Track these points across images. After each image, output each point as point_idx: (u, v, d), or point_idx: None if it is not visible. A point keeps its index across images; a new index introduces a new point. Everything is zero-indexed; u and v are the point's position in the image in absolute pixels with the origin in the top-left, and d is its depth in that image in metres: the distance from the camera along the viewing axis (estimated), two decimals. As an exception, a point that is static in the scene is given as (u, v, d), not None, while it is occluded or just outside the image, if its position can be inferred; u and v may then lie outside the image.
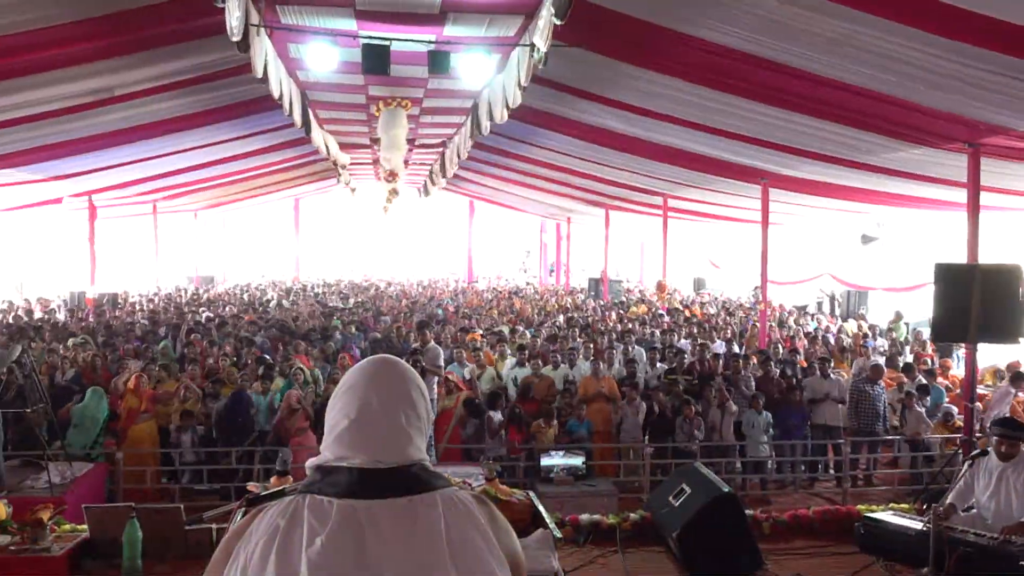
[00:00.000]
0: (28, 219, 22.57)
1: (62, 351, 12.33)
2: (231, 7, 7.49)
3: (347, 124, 17.91)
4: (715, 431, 10.27)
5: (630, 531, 5.28)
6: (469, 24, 10.13)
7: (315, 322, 16.42)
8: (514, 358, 12.34)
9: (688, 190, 17.24)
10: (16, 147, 12.71)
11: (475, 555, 1.67)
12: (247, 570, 1.62)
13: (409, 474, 1.74)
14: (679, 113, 11.23)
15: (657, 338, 14.82)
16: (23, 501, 6.34)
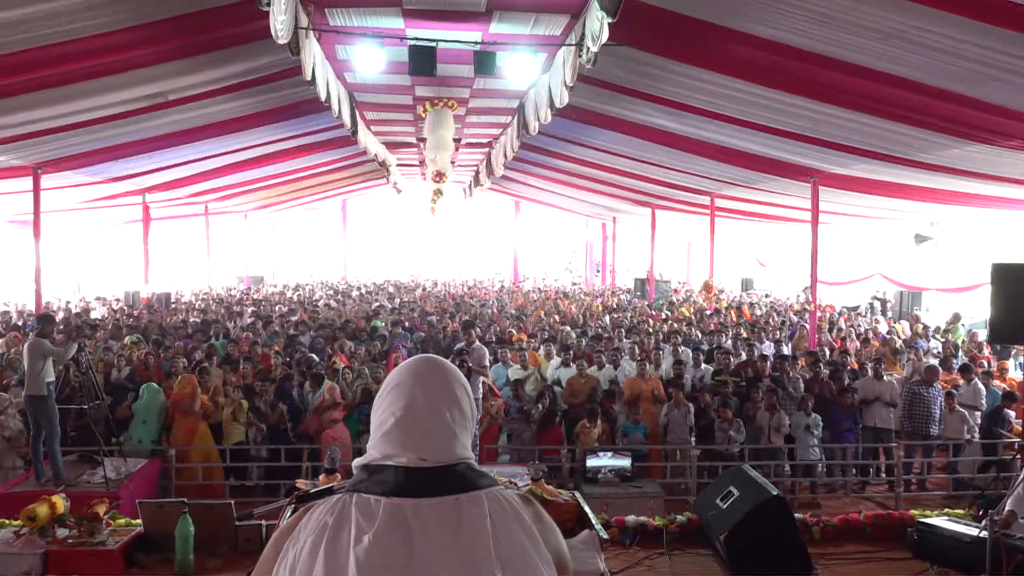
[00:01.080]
0: (86, 220, 23.13)
1: (117, 349, 12.62)
2: (276, 11, 7.59)
3: (394, 124, 18.05)
4: (763, 433, 10.12)
5: (677, 533, 5.22)
6: (515, 22, 10.14)
7: (362, 322, 16.56)
8: (559, 358, 12.31)
9: (736, 189, 17.05)
10: (75, 150, 13.07)
11: (521, 554, 1.67)
12: (296, 567, 1.64)
13: (455, 473, 1.74)
14: (727, 110, 11.12)
15: (704, 339, 14.68)
16: (80, 495, 6.49)
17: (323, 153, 19.54)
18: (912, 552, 5.01)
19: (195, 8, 8.51)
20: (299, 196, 27.52)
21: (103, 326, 15.60)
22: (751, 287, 27.73)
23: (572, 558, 1.94)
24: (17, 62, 8.33)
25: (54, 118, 10.85)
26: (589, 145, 16.73)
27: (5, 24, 7.40)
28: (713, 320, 17.47)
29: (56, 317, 12.63)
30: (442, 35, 10.18)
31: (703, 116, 11.69)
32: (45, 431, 8.48)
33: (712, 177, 16.41)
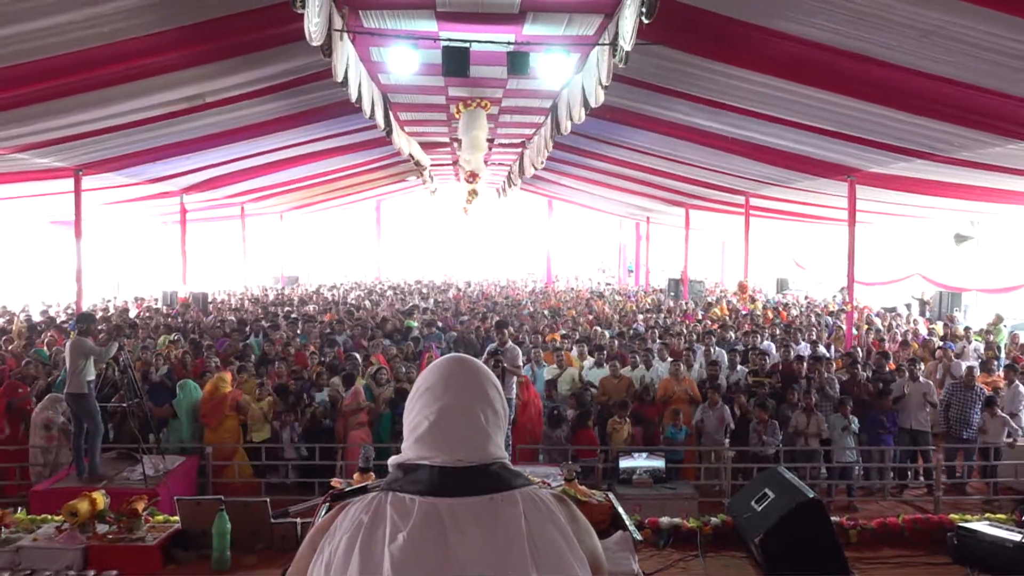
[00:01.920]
0: (126, 220, 23.52)
1: (154, 348, 12.82)
2: (310, 13, 7.65)
3: (428, 125, 18.12)
4: (799, 435, 10.01)
5: (711, 535, 5.18)
6: (548, 23, 10.13)
7: (396, 322, 16.65)
8: (592, 359, 12.28)
9: (771, 188, 16.89)
10: (115, 152, 13.31)
11: (556, 554, 1.67)
12: (331, 564, 1.65)
13: (490, 472, 1.75)
14: (762, 108, 11.02)
15: (739, 339, 14.56)
16: (119, 492, 6.60)
17: (357, 154, 19.68)
18: (952, 557, 4.92)
19: (231, 11, 8.61)
20: (333, 197, 27.73)
21: (142, 325, 15.83)
22: (786, 287, 27.45)
23: (606, 559, 1.94)
24: (59, 65, 8.49)
25: (94, 121, 11.04)
26: (622, 144, 16.66)
27: (48, 29, 7.54)
28: (747, 321, 17.32)
29: (97, 316, 12.81)
30: (475, 36, 10.20)
31: (738, 114, 11.60)
32: (88, 428, 8.63)
33: (747, 176, 16.27)
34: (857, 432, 10.07)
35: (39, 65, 8.34)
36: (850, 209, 14.01)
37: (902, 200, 15.28)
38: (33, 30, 7.50)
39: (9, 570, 4.84)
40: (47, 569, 4.85)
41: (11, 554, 4.94)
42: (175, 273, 21.83)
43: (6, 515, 5.30)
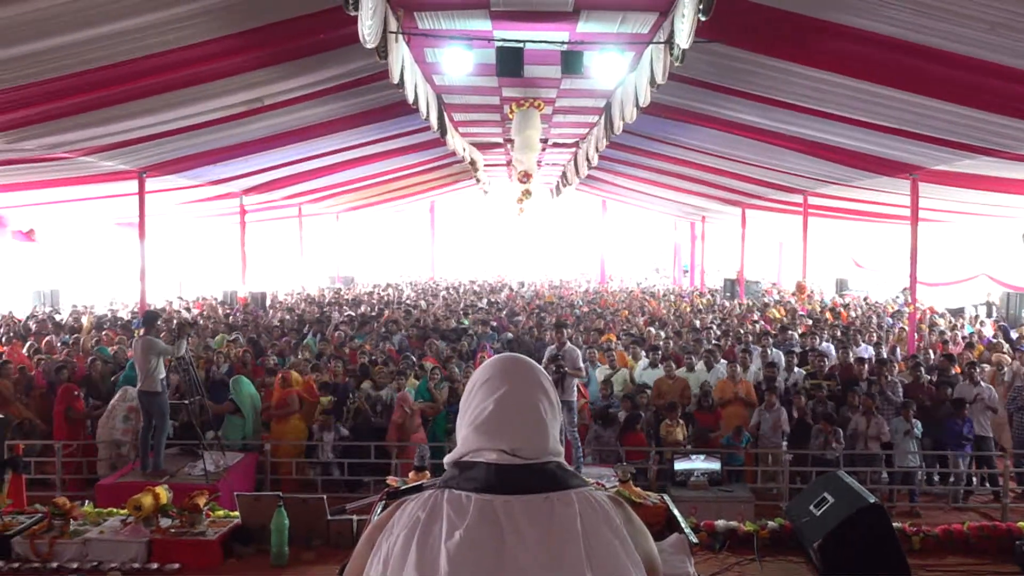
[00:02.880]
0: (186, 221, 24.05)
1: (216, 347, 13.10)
2: (364, 16, 7.73)
3: (481, 126, 18.19)
4: (859, 439, 9.79)
5: (768, 539, 5.11)
6: (602, 21, 10.09)
7: (450, 321, 16.75)
8: (646, 359, 12.19)
9: (830, 186, 16.57)
10: (177, 154, 13.63)
11: (611, 555, 1.66)
12: (389, 560, 1.67)
13: (546, 471, 1.75)
14: (821, 105, 10.82)
15: (797, 341, 14.31)
16: (181, 487, 6.77)
17: (412, 155, 19.83)
18: (1021, 566, 4.78)
19: (288, 16, 8.74)
20: (389, 197, 27.98)
21: (203, 324, 16.18)
22: (846, 288, 26.91)
23: (662, 562, 1.92)
24: (124, 72, 8.72)
25: (158, 124, 11.31)
26: (678, 143, 16.52)
27: (114, 35, 7.75)
28: (805, 322, 17.03)
29: (160, 315, 13.11)
30: (529, 36, 10.21)
31: (796, 112, 11.41)
32: (155, 424, 8.86)
33: (805, 175, 16.00)
34: (920, 436, 9.82)
35: (104, 71, 8.56)
36: (912, 207, 13.68)
37: (967, 198, 14.86)
38: (97, 36, 7.70)
39: (77, 561, 4.98)
40: (112, 561, 4.97)
41: (79, 546, 5.08)
42: (235, 273, 22.27)
43: (74, 508, 5.45)
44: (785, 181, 17.22)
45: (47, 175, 13.44)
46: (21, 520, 5.42)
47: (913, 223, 13.80)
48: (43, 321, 17.46)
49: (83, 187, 15.10)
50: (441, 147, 18.04)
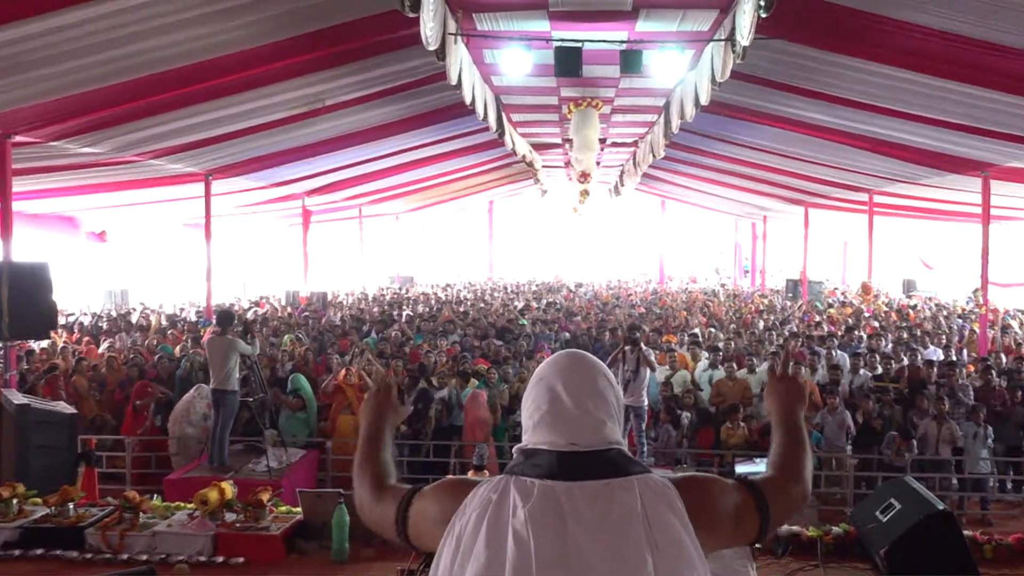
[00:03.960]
0: (251, 222, 24.57)
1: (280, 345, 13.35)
2: (426, 18, 7.79)
3: (539, 126, 18.18)
4: (928, 443, 9.51)
5: (832, 545, 5.01)
6: (662, 19, 10.00)
7: (507, 322, 16.78)
8: (706, 360, 12.05)
9: (897, 185, 16.17)
10: (241, 157, 13.93)
11: (673, 539, 1.69)
12: (462, 538, 1.74)
13: (606, 458, 1.80)
14: (888, 102, 10.57)
15: (863, 343, 13.98)
16: (246, 483, 6.91)
17: (471, 156, 19.94)
18: (1099, 577, 4.60)
19: (349, 18, 8.85)
20: (447, 198, 28.17)
21: (268, 323, 16.51)
22: (914, 289, 26.24)
23: (723, 566, 1.93)
24: (190, 73, 8.93)
25: (222, 126, 11.57)
26: (738, 142, 16.30)
27: (181, 40, 7.95)
28: (871, 323, 16.64)
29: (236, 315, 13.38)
30: (588, 35, 10.17)
31: (860, 109, 11.16)
32: (223, 420, 9.06)
33: (870, 173, 15.65)
34: (992, 442, 9.52)
35: (171, 74, 8.77)
36: (984, 206, 13.27)
37: (1042, 196, 14.38)
38: (165, 41, 7.91)
39: (146, 553, 5.13)
40: (180, 554, 5.11)
41: (148, 538, 5.23)
42: (297, 273, 22.67)
43: (143, 501, 5.61)
44: (850, 180, 16.87)
45: (118, 177, 13.85)
46: (93, 512, 5.61)
47: (984, 222, 13.39)
48: (115, 320, 17.99)
49: (152, 189, 15.52)
50: (500, 148, 18.09)
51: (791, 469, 2.02)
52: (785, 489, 1.98)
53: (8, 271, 8.92)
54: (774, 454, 2.09)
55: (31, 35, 6.94)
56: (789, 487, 1.99)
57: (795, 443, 2.08)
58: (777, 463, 2.06)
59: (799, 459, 2.05)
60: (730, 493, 1.87)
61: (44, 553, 5.19)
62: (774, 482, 1.99)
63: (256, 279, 29.02)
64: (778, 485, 1.98)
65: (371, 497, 2.07)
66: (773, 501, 1.91)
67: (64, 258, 17.26)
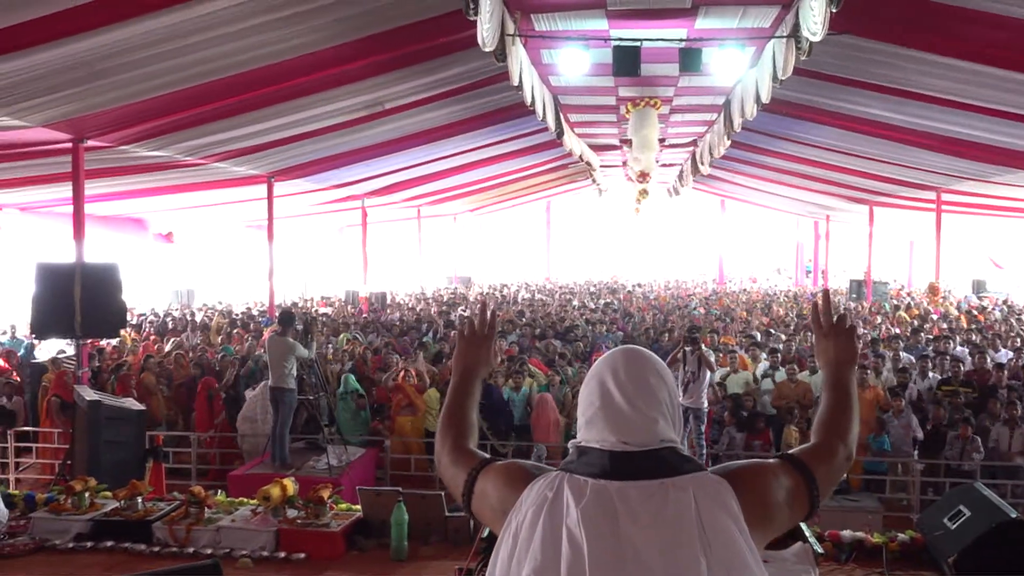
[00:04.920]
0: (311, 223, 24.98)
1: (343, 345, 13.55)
2: (483, 19, 7.82)
3: (597, 126, 18.11)
4: (1001, 450, 9.20)
5: (898, 552, 4.89)
6: (722, 16, 9.87)
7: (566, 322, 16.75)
8: (766, 362, 11.87)
9: (966, 182, 15.71)
10: (303, 159, 14.17)
11: (727, 541, 1.66)
12: (518, 535, 1.74)
13: (659, 457, 1.78)
14: (958, 96, 10.26)
15: (930, 345, 13.61)
16: (307, 480, 7.02)
17: (529, 156, 19.95)
18: None
19: (407, 21, 8.92)
20: (505, 198, 28.25)
21: (328, 323, 16.76)
22: (984, 290, 25.47)
23: (785, 571, 1.90)
24: (253, 79, 9.12)
25: (284, 129, 11.78)
26: (800, 140, 16.02)
27: (246, 45, 8.12)
28: (939, 325, 16.19)
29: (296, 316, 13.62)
30: (646, 34, 10.10)
31: (928, 104, 10.86)
32: (282, 418, 9.22)
33: (938, 171, 15.23)
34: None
35: (236, 79, 8.97)
36: (1059, 204, 12.82)
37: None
38: (231, 47, 8.08)
39: (211, 547, 5.24)
40: (243, 549, 5.21)
41: (213, 533, 5.34)
42: (356, 273, 22.98)
43: (208, 497, 5.74)
44: (916, 178, 16.45)
45: (184, 180, 14.21)
46: (161, 507, 5.75)
47: (1060, 220, 12.93)
48: (180, 319, 18.45)
49: (216, 191, 15.88)
50: (557, 148, 18.08)
51: (836, 432, 1.97)
52: (831, 456, 1.93)
53: (81, 272, 9.22)
54: (821, 414, 2.04)
55: (104, 44, 7.16)
56: (835, 453, 1.94)
57: (842, 405, 2.02)
58: (823, 426, 2.00)
59: (846, 422, 1.99)
60: (781, 479, 1.83)
61: (114, 545, 5.35)
62: (820, 451, 1.93)
63: (317, 279, 29.48)
64: (823, 455, 1.92)
65: (449, 456, 2.08)
66: (821, 477, 1.87)
67: (133, 259, 17.76)
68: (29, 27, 6.48)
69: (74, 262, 9.55)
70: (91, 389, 9.10)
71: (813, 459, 1.89)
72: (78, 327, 9.09)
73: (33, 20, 6.41)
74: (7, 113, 8.32)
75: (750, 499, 1.75)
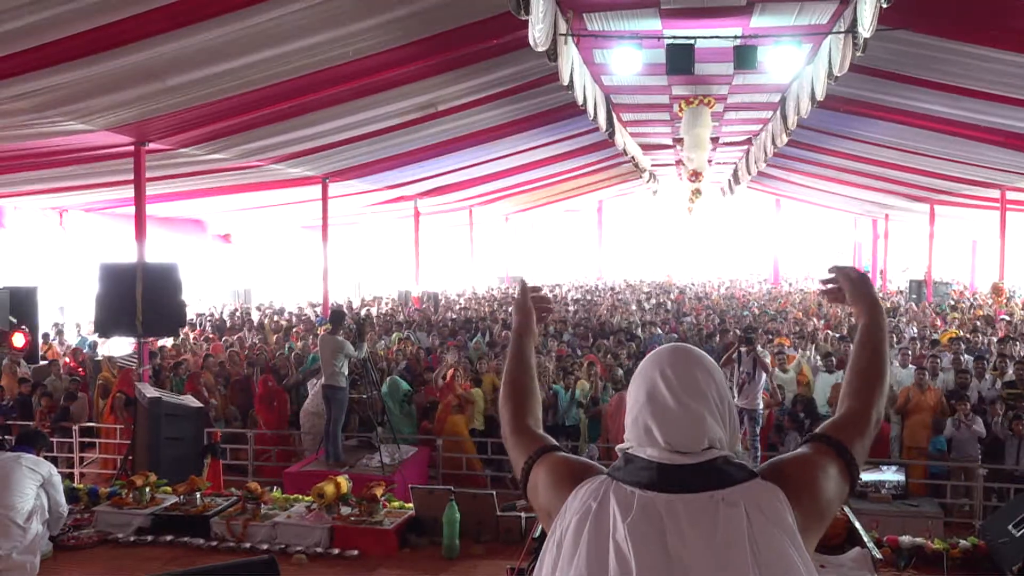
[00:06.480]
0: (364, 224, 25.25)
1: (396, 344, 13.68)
2: (535, 19, 7.82)
3: (650, 125, 18.00)
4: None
5: (959, 559, 4.76)
6: (777, 14, 9.74)
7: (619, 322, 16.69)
8: (821, 364, 11.66)
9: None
10: (357, 161, 14.34)
11: (780, 558, 1.59)
12: (562, 544, 1.69)
13: (710, 469, 1.71)
14: (1020, 92, 9.97)
15: (993, 346, 13.22)
16: (360, 478, 7.10)
17: (581, 157, 19.90)
18: None
19: (460, 23, 8.98)
20: (557, 198, 28.21)
21: (393, 321, 16.97)
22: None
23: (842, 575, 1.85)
24: (309, 83, 9.26)
25: (339, 132, 11.94)
26: (857, 138, 15.71)
27: (300, 50, 8.25)
28: (1003, 325, 15.73)
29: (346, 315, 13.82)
30: (700, 32, 10.00)
31: (991, 100, 10.58)
32: (334, 416, 9.35)
33: (1002, 168, 14.81)
34: None
35: (292, 83, 9.12)
36: None
37: None
38: (286, 52, 8.22)
39: (267, 543, 5.34)
40: (298, 545, 5.30)
41: (269, 529, 5.44)
42: (409, 273, 23.19)
43: (265, 493, 5.84)
44: (979, 175, 16.01)
45: (241, 181, 14.49)
46: (219, 502, 5.87)
47: None
48: (238, 318, 18.82)
49: (273, 192, 16.15)
50: (610, 148, 18.01)
51: (868, 398, 1.92)
52: (865, 426, 1.88)
53: (143, 271, 9.46)
54: (852, 375, 1.99)
55: (166, 52, 7.36)
56: (868, 421, 1.89)
57: (875, 367, 1.98)
58: (855, 390, 1.95)
59: (878, 387, 1.95)
60: (828, 470, 1.78)
61: (173, 539, 5.48)
62: (854, 424, 1.88)
63: (370, 279, 29.79)
64: (858, 426, 1.88)
65: (510, 429, 2.09)
66: (858, 453, 1.83)
67: (193, 259, 18.15)
68: (94, 35, 6.68)
69: (136, 262, 9.79)
70: (152, 387, 9.32)
71: (848, 435, 1.85)
72: (139, 326, 9.33)
73: (98, 28, 6.60)
74: (73, 117, 8.58)
75: (805, 501, 1.70)
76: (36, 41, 6.61)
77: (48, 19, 6.24)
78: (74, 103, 8.17)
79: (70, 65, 7.14)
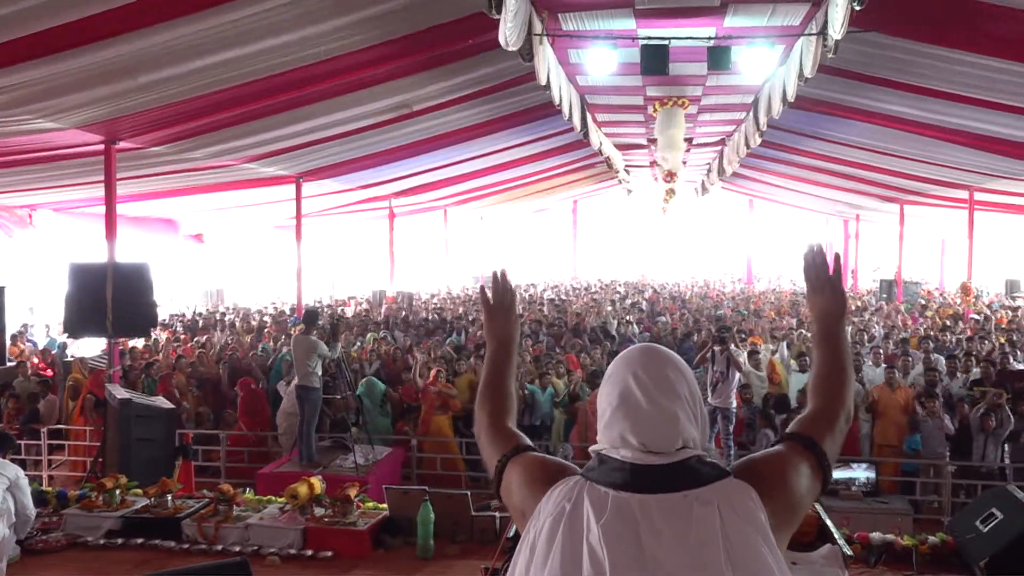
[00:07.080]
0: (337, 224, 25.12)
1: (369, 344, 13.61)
2: (506, 18, 7.80)
3: (624, 126, 18.05)
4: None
5: (928, 555, 4.83)
6: (751, 14, 9.80)
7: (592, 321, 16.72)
8: (795, 364, 11.77)
9: (999, 181, 15.47)
10: (330, 160, 14.26)
11: (753, 557, 1.60)
12: (535, 546, 1.69)
13: (682, 468, 1.71)
14: (990, 94, 10.11)
15: (958, 345, 13.42)
16: (333, 478, 7.07)
17: (555, 157, 19.94)
18: None
19: (435, 22, 8.95)
20: (531, 197, 28.23)
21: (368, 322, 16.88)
22: (1018, 290, 25.08)
23: (813, 573, 1.87)
24: (282, 82, 9.19)
25: (313, 131, 11.86)
26: (829, 139, 15.87)
27: (273, 48, 8.18)
28: (971, 324, 15.96)
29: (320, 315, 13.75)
30: (674, 32, 10.05)
31: (960, 102, 10.71)
32: (307, 417, 9.29)
33: (971, 169, 15.01)
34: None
35: (265, 82, 9.04)
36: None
37: None
38: (258, 50, 8.15)
39: (239, 545, 5.29)
40: (271, 546, 5.26)
41: (241, 530, 5.39)
42: (383, 272, 23.11)
43: (237, 495, 5.79)
44: (948, 176, 16.22)
45: (214, 180, 14.35)
46: (190, 504, 5.82)
47: (1096, 219, 12.70)
48: (208, 318, 18.65)
49: (245, 192, 16.02)
50: (584, 148, 18.05)
51: (835, 395, 1.94)
52: (834, 422, 1.89)
53: (113, 271, 9.34)
54: (816, 375, 2.00)
55: (137, 49, 7.26)
56: (837, 418, 1.90)
57: (837, 362, 1.99)
58: (821, 389, 1.97)
59: (842, 381, 1.96)
60: (800, 467, 1.79)
61: (144, 542, 5.42)
62: (823, 421, 1.90)
63: (344, 279, 29.64)
64: (828, 423, 1.89)
65: (485, 433, 2.08)
66: (829, 449, 1.84)
67: (164, 259, 17.97)
68: (63, 31, 6.58)
69: (106, 262, 9.67)
70: (122, 388, 9.21)
71: (819, 432, 1.86)
72: (110, 326, 9.22)
73: (67, 24, 6.50)
74: (41, 115, 8.45)
75: (777, 498, 1.72)
76: (2, 37, 6.50)
77: (14, 14, 6.14)
78: (43, 101, 8.04)
79: (38, 62, 7.02)
